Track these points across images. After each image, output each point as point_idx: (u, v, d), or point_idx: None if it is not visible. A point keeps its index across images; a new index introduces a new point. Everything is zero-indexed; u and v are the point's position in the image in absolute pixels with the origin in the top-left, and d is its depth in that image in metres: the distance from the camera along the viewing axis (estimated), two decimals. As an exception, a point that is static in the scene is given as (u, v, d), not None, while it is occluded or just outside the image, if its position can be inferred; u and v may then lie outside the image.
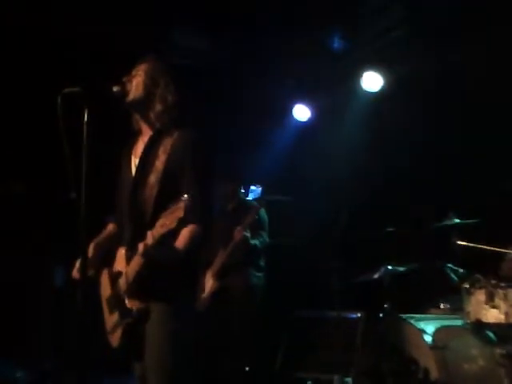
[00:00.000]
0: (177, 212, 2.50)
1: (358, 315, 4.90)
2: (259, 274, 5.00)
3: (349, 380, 4.58)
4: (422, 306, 4.71)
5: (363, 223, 5.76)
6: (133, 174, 2.91)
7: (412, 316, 4.45)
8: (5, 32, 4.89)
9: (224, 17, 5.27)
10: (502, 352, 3.71)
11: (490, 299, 3.81)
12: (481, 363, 3.83)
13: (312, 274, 6.04)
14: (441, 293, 4.66)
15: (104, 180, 3.07)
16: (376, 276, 4.77)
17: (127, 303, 2.74)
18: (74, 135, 2.61)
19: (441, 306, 4.57)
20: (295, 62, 5.80)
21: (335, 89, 5.99)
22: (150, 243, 2.61)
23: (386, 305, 4.62)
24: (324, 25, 5.37)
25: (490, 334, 3.87)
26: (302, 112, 6.31)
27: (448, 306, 4.51)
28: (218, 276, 4.87)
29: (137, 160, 2.92)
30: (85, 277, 2.52)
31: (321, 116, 6.29)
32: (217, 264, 4.87)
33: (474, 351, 3.87)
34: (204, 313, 4.67)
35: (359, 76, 5.68)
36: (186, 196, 2.49)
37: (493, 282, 3.84)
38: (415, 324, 4.32)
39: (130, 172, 2.93)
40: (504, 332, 3.81)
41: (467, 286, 3.94)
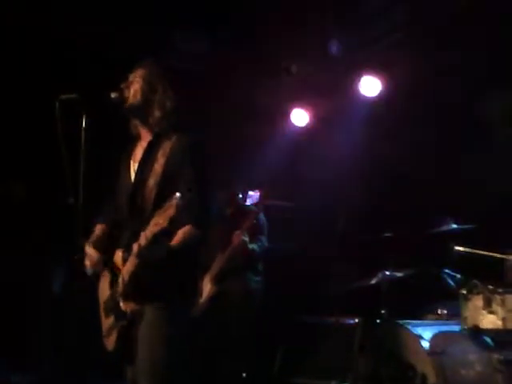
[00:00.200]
0: (169, 210, 2.49)
1: (356, 321, 4.89)
2: (257, 279, 5.01)
3: (346, 386, 4.58)
4: (420, 312, 4.70)
5: (362, 228, 5.76)
6: (132, 179, 2.92)
7: (409, 322, 4.44)
8: (5, 32, 4.89)
9: (223, 19, 5.27)
10: (500, 358, 3.69)
11: (488, 305, 3.80)
12: (478, 369, 3.81)
13: (310, 280, 6.04)
14: (438, 298, 4.66)
15: (102, 185, 3.08)
16: (374, 281, 4.77)
17: (122, 305, 2.73)
18: (72, 140, 2.62)
19: (438, 312, 4.56)
20: (293, 67, 5.80)
21: (333, 93, 6.00)
22: (143, 243, 2.61)
23: (384, 310, 4.62)
24: (323, 29, 5.38)
25: (488, 340, 3.86)
26: (300, 117, 6.32)
27: (445, 312, 4.51)
28: (216, 280, 4.87)
29: (136, 165, 2.94)
30: (82, 280, 2.53)
31: (319, 121, 6.29)
32: (215, 268, 4.87)
33: (472, 357, 3.86)
34: (202, 317, 4.67)
35: (357, 81, 5.69)
36: (178, 194, 2.49)
37: (490, 288, 3.84)
38: (413, 330, 4.31)
39: (129, 177, 2.94)
40: (501, 338, 3.79)
41: (464, 292, 3.93)
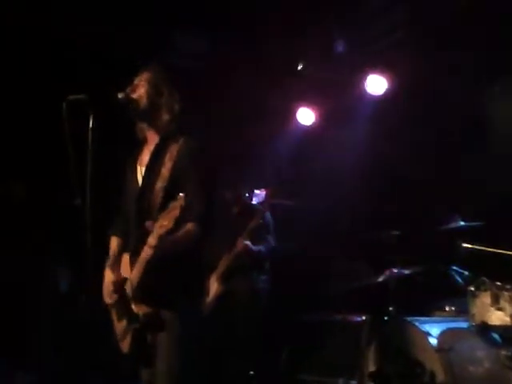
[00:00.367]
0: (173, 211, 2.51)
1: (363, 318, 4.89)
2: (264, 278, 5.02)
3: (354, 383, 4.57)
4: (428, 309, 4.70)
5: (368, 226, 5.76)
6: (139, 183, 2.93)
7: (417, 318, 4.44)
8: (5, 32, 4.91)
9: (224, 19, 5.27)
10: (508, 354, 3.70)
11: (496, 301, 3.80)
12: (486, 365, 3.82)
13: (317, 277, 6.04)
14: (446, 295, 4.65)
15: (109, 186, 3.09)
16: (381, 279, 4.77)
17: (134, 308, 2.75)
18: (78, 141, 2.63)
19: (446, 309, 4.56)
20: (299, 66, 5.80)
21: (339, 92, 5.99)
22: (153, 245, 2.61)
23: (391, 307, 4.62)
24: (326, 28, 5.38)
25: (496, 336, 3.86)
26: (306, 116, 6.31)
27: (453, 309, 4.51)
28: (223, 280, 4.88)
29: (143, 169, 2.94)
30: (91, 284, 2.54)
31: (325, 120, 6.29)
32: (221, 268, 4.88)
33: (480, 353, 3.86)
34: (209, 317, 4.68)
35: (363, 79, 5.68)
36: (182, 195, 2.50)
37: (498, 285, 3.84)
38: (420, 326, 4.31)
39: (136, 181, 2.95)
40: (509, 334, 3.79)
41: (472, 289, 3.93)
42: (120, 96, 2.81)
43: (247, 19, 5.25)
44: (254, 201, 5.27)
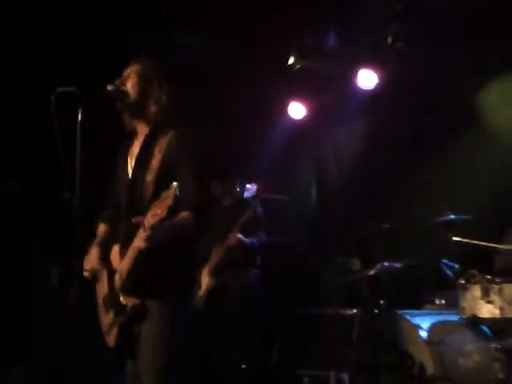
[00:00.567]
0: (166, 200, 2.48)
1: (354, 311, 4.90)
2: (256, 271, 5.02)
3: (345, 376, 4.59)
4: (418, 302, 4.72)
5: (359, 220, 5.78)
6: (129, 175, 2.92)
7: (408, 312, 4.46)
8: (5, 32, 4.89)
9: (220, 15, 5.27)
10: (498, 346, 3.72)
11: (486, 294, 3.81)
12: (476, 358, 3.83)
13: (308, 271, 6.06)
14: (436, 288, 4.68)
15: (98, 179, 3.08)
16: (372, 272, 4.78)
17: (122, 300, 2.73)
18: (69, 134, 2.61)
19: (436, 302, 4.58)
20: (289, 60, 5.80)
21: (330, 87, 6.00)
22: (145, 236, 2.57)
23: (382, 301, 4.63)
24: (320, 22, 5.37)
25: (486, 329, 3.88)
26: (297, 110, 6.31)
27: (443, 302, 4.53)
28: (214, 273, 4.88)
29: (133, 161, 2.93)
30: (80, 277, 2.53)
31: (316, 114, 6.30)
32: (213, 261, 4.88)
33: (470, 346, 3.88)
34: (200, 310, 4.68)
35: (354, 74, 5.68)
36: (175, 184, 2.48)
37: (488, 278, 3.85)
38: (411, 319, 4.33)
39: (127, 173, 2.94)
40: (499, 327, 3.82)
41: (463, 282, 3.95)
42: (109, 88, 2.79)
43: (238, 15, 5.25)
44: (246, 195, 5.28)
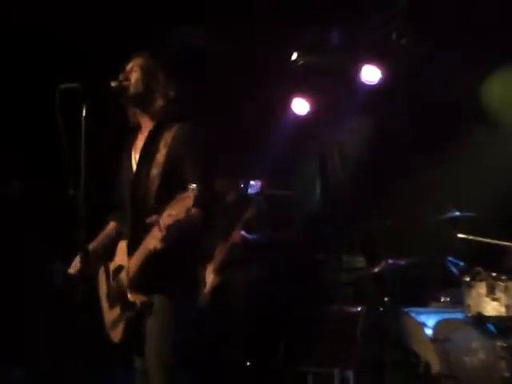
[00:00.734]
0: (185, 201, 2.41)
1: (359, 309, 4.89)
2: (260, 268, 5.01)
3: (350, 373, 4.58)
4: (423, 300, 4.70)
5: (364, 217, 5.75)
6: (133, 169, 2.90)
7: (413, 309, 4.45)
8: (5, 32, 4.88)
9: (221, 10, 5.25)
10: (503, 344, 3.71)
11: (491, 292, 3.80)
12: (481, 356, 3.82)
13: (313, 268, 6.04)
14: (441, 286, 4.66)
15: (103, 176, 3.07)
16: (377, 269, 4.77)
17: (130, 297, 2.71)
18: (73, 131, 2.60)
19: (441, 299, 4.56)
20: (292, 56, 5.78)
21: (334, 82, 5.97)
22: (161, 237, 2.50)
23: (387, 298, 4.62)
24: (323, 18, 5.35)
25: (491, 327, 3.87)
26: (301, 106, 6.29)
27: (449, 299, 4.51)
28: (219, 270, 4.87)
29: (137, 155, 2.92)
30: (84, 274, 2.52)
31: (319, 110, 6.27)
32: (217, 259, 4.88)
33: (475, 344, 3.87)
34: (206, 307, 4.67)
35: (358, 69, 5.66)
36: (194, 185, 2.43)
37: (493, 275, 3.83)
38: (416, 317, 4.32)
39: (131, 167, 2.93)
40: (505, 324, 3.80)
41: (468, 279, 3.93)
42: (113, 84, 2.78)
43: (242, 10, 5.23)
44: (250, 191, 5.27)
